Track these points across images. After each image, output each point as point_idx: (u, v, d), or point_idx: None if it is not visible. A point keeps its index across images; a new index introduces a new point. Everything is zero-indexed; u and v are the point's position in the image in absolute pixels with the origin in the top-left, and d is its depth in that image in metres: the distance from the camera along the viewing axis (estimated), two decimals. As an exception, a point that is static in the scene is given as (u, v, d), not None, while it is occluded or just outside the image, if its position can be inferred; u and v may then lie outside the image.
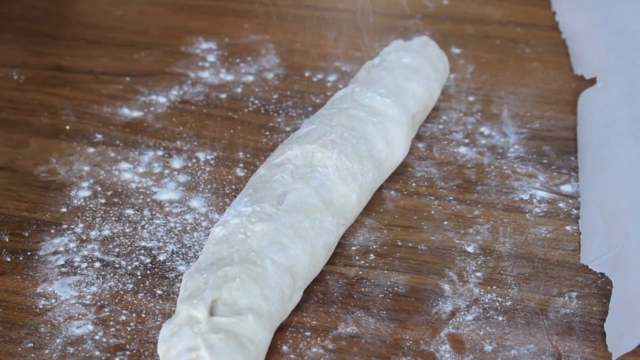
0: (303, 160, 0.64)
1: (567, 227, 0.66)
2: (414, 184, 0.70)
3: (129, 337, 0.56)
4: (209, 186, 0.69)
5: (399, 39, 0.83)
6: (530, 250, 0.64)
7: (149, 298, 0.59)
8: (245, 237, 0.58)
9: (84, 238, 0.64)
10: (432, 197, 0.68)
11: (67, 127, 0.75)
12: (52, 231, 0.64)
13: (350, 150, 0.65)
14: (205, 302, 0.53)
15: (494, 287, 0.60)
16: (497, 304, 0.59)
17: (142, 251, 0.63)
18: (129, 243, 0.63)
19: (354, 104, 0.69)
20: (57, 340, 0.56)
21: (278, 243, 0.58)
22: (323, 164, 0.64)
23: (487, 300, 0.59)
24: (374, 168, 0.66)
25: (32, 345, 0.56)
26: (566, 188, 0.69)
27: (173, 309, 0.58)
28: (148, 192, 0.68)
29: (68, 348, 0.55)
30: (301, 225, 0.59)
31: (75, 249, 0.63)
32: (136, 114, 0.77)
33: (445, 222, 0.66)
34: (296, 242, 0.58)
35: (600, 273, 0.61)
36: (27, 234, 0.64)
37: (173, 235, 0.64)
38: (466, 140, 0.74)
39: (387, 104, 0.69)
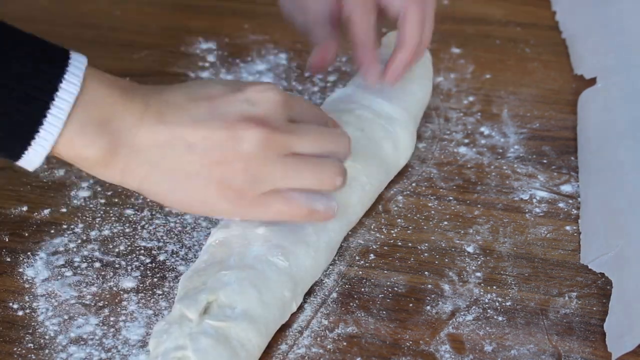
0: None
1: (567, 227, 0.66)
2: (414, 184, 0.69)
3: (129, 336, 0.56)
4: (209, 186, 0.69)
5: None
6: (530, 250, 0.64)
7: (148, 298, 0.59)
8: (246, 240, 0.57)
9: (84, 238, 0.64)
10: (432, 197, 0.68)
11: (67, 127, 0.75)
12: (52, 231, 0.64)
13: (356, 150, 0.64)
14: (199, 303, 0.52)
15: (494, 287, 0.60)
16: (497, 304, 0.59)
17: (142, 251, 0.63)
18: (129, 243, 0.63)
19: (359, 105, 0.68)
20: (57, 340, 0.56)
21: (280, 247, 0.57)
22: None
23: (487, 300, 0.59)
24: (380, 170, 0.66)
25: (32, 345, 0.56)
26: (566, 188, 0.69)
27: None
28: (148, 192, 0.68)
29: (68, 348, 0.55)
30: (303, 228, 0.59)
31: (75, 249, 0.63)
32: (136, 114, 0.76)
33: (445, 222, 0.66)
34: (298, 246, 0.58)
35: (600, 273, 0.61)
36: (27, 234, 0.64)
37: (173, 235, 0.64)
38: (466, 140, 0.74)
39: (392, 107, 0.69)
